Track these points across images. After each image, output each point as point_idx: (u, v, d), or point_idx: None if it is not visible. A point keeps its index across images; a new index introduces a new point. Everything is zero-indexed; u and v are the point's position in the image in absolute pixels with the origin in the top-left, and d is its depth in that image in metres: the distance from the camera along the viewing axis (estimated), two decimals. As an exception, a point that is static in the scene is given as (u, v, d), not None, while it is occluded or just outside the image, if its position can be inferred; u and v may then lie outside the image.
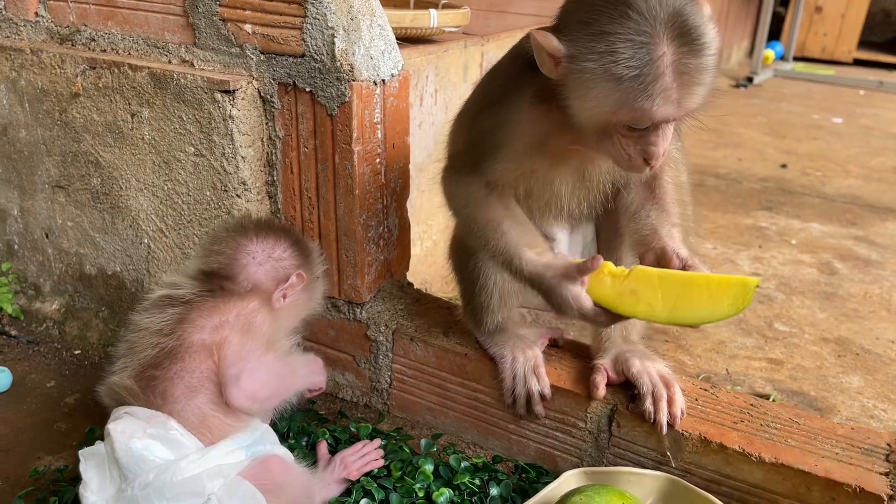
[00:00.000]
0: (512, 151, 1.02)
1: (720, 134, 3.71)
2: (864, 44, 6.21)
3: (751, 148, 3.51)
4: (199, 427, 0.99)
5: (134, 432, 0.95)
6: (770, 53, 5.56)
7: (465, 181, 1.06)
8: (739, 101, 4.61)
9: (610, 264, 0.97)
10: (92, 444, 1.03)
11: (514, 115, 1.00)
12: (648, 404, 1.09)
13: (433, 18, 1.67)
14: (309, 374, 1.17)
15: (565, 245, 1.20)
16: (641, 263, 1.01)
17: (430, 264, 1.87)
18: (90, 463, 0.97)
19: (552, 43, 0.88)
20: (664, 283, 0.94)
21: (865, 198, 2.84)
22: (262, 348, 1.05)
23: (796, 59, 6.04)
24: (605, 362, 1.16)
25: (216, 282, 1.09)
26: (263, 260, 1.13)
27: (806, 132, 3.86)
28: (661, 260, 1.00)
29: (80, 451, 1.00)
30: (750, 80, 5.09)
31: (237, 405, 1.01)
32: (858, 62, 6.11)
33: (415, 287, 1.45)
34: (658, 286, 0.94)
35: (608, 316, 0.97)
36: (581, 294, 0.96)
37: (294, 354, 1.16)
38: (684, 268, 0.97)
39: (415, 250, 1.77)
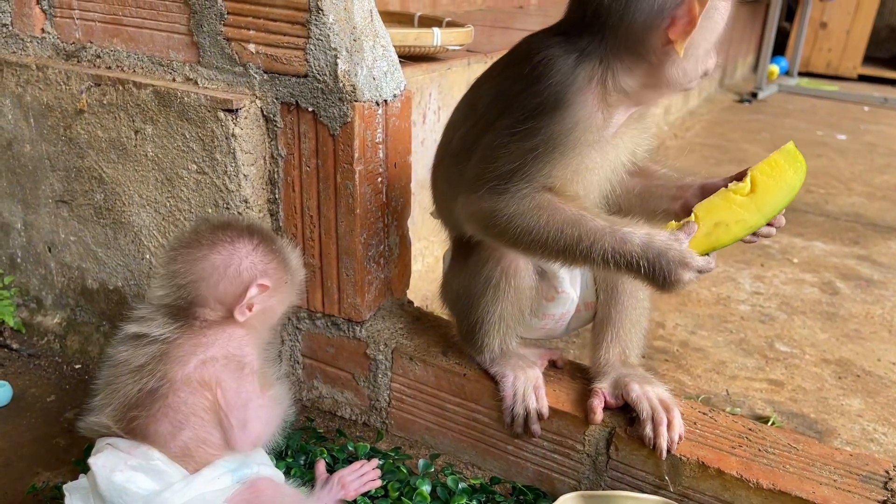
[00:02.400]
0: (581, 146, 1.00)
1: (724, 150, 3.71)
2: (868, 59, 6.22)
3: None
4: (182, 458, 0.97)
5: (115, 465, 0.94)
6: (775, 68, 5.57)
7: (521, 197, 1.00)
8: (744, 116, 4.62)
9: (699, 209, 0.99)
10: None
11: (577, 111, 0.98)
12: (648, 429, 1.09)
13: (437, 37, 1.68)
14: (287, 404, 1.11)
15: (567, 280, 1.20)
16: (674, 215, 1.06)
17: (431, 280, 1.87)
18: (75, 497, 0.96)
19: None
20: (732, 200, 0.98)
21: (868, 216, 2.84)
22: (259, 387, 1.02)
23: (801, 74, 6.05)
24: (603, 386, 1.16)
25: (187, 312, 1.03)
26: (222, 273, 1.02)
27: (810, 149, 3.86)
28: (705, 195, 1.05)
29: (63, 487, 0.99)
30: (755, 95, 5.10)
31: (243, 450, 0.99)
32: (863, 78, 6.12)
33: (415, 304, 1.45)
34: (734, 203, 0.98)
35: (714, 259, 0.97)
36: (692, 252, 0.95)
37: (275, 385, 1.09)
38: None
39: (416, 266, 1.77)
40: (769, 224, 1.01)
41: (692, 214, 0.98)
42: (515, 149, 1.00)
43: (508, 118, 1.02)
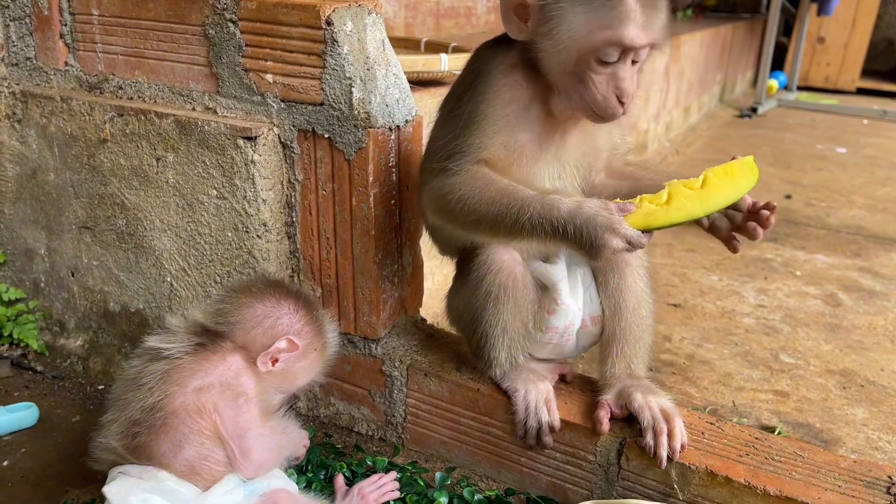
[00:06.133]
0: (501, 118, 1.08)
1: (725, 165, 3.75)
2: (867, 73, 6.27)
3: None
4: (189, 475, 1.02)
5: (129, 490, 0.98)
6: (774, 83, 5.63)
7: (457, 169, 1.07)
8: (744, 131, 4.67)
9: (646, 196, 1.04)
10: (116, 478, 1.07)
11: (493, 86, 1.09)
12: (649, 438, 1.13)
13: (444, 63, 1.73)
14: (299, 441, 1.19)
15: (566, 292, 1.23)
16: None
17: (441, 297, 1.91)
18: None
19: None
20: (680, 191, 1.03)
21: (870, 228, 2.87)
22: (259, 416, 1.07)
23: (800, 88, 6.11)
24: (609, 398, 1.20)
25: (209, 337, 1.09)
26: (259, 321, 1.11)
27: (810, 162, 3.91)
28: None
29: None
30: (754, 109, 5.16)
31: (248, 475, 1.05)
32: (862, 91, 6.17)
33: (427, 322, 1.50)
34: (681, 194, 1.03)
35: (647, 236, 1.00)
36: (622, 220, 0.98)
37: (287, 421, 1.16)
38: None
39: (427, 284, 1.81)
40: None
41: (637, 198, 1.03)
42: (449, 129, 1.11)
43: (445, 108, 1.16)
